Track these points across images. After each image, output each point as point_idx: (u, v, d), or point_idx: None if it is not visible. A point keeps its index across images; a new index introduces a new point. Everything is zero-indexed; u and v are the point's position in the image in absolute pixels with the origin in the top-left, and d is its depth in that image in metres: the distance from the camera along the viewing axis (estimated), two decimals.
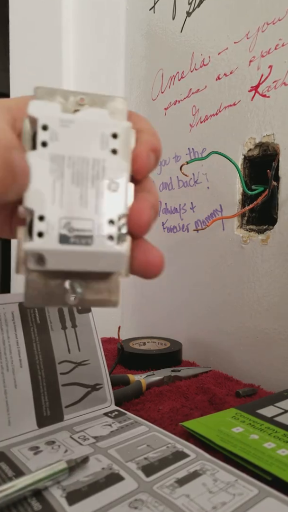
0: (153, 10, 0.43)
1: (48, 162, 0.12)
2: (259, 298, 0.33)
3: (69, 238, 0.12)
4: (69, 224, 0.12)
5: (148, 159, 0.13)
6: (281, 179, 0.32)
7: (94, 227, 0.12)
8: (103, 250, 0.12)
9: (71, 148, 0.12)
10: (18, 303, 0.23)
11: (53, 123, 0.12)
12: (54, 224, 0.12)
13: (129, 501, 0.16)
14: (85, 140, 0.12)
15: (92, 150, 0.12)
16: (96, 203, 0.12)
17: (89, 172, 0.12)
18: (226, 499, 0.16)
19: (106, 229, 0.12)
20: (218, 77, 0.36)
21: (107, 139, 0.12)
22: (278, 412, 0.24)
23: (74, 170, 0.12)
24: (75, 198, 0.12)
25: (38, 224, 0.12)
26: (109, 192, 0.12)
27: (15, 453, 0.19)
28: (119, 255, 0.12)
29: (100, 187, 0.12)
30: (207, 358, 0.37)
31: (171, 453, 0.19)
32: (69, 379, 0.23)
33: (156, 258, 0.13)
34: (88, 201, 0.12)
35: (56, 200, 0.12)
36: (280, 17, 0.31)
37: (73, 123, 0.12)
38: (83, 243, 0.12)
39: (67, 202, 0.12)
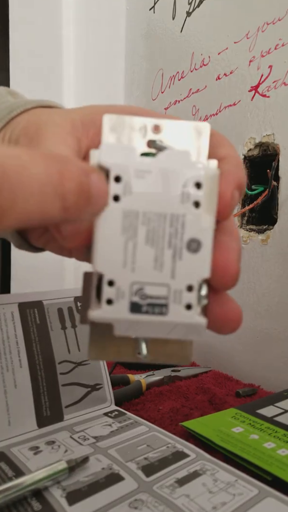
0: (153, 10, 0.43)
1: (120, 219, 0.10)
2: (259, 298, 0.33)
3: (141, 306, 0.10)
4: (142, 291, 0.10)
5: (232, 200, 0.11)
6: (281, 179, 0.32)
7: (170, 294, 0.10)
8: (179, 321, 0.10)
9: (146, 203, 0.10)
10: (18, 304, 0.23)
11: (128, 173, 0.10)
12: (125, 290, 0.10)
13: (129, 501, 0.16)
14: (163, 193, 0.10)
15: (171, 204, 0.10)
16: (173, 266, 0.10)
17: (166, 230, 0.10)
18: (226, 499, 0.16)
19: (184, 297, 0.10)
20: (218, 77, 0.36)
21: (189, 190, 0.10)
22: (278, 412, 0.24)
23: (149, 228, 0.10)
24: (149, 260, 0.10)
25: (107, 290, 0.10)
26: (188, 253, 0.10)
27: (15, 453, 0.19)
28: (199, 326, 0.11)
29: (178, 247, 0.10)
30: (207, 358, 0.37)
31: (171, 453, 0.19)
32: (69, 379, 0.23)
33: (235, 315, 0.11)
34: (164, 264, 0.10)
35: (128, 262, 0.10)
36: (280, 17, 0.31)
37: (150, 173, 0.10)
38: (157, 312, 0.10)
39: (140, 265, 0.10)
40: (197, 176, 0.10)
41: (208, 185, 0.11)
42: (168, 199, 0.10)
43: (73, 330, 0.24)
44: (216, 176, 0.11)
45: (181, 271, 0.10)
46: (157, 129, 0.11)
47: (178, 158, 0.10)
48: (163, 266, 0.10)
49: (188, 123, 0.11)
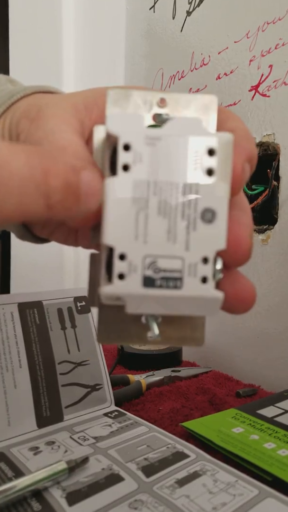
0: (153, 9, 0.43)
1: (130, 189, 0.10)
2: (259, 298, 0.33)
3: (154, 280, 0.10)
4: (155, 264, 0.10)
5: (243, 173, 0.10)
6: (281, 178, 0.32)
7: (184, 266, 0.10)
8: (195, 294, 0.10)
9: (157, 172, 0.10)
10: (18, 304, 0.23)
11: (137, 141, 0.10)
12: (137, 264, 0.10)
13: (129, 501, 0.16)
14: (174, 161, 0.10)
15: (183, 172, 0.10)
16: (187, 237, 0.10)
17: (179, 200, 0.10)
18: (226, 499, 0.16)
19: (200, 270, 0.10)
20: (218, 77, 0.36)
21: (202, 156, 0.10)
22: (279, 412, 0.24)
23: (161, 198, 0.10)
24: (161, 232, 0.10)
25: (118, 264, 0.10)
26: (203, 223, 0.10)
27: (15, 454, 0.19)
28: (216, 300, 0.10)
29: (192, 217, 0.10)
30: (207, 358, 0.37)
31: (171, 453, 0.19)
32: (69, 379, 0.23)
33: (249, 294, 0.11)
34: (178, 236, 0.10)
35: (139, 235, 0.10)
36: (280, 17, 0.31)
37: (160, 140, 0.10)
38: (171, 286, 0.10)
39: (153, 237, 0.10)
40: (210, 142, 0.10)
41: (222, 151, 0.10)
42: (180, 167, 0.10)
43: (73, 330, 0.24)
44: (231, 142, 0.10)
45: (196, 243, 0.10)
46: (163, 103, 0.11)
47: (189, 125, 0.10)
48: (176, 238, 0.10)
49: (195, 96, 0.11)
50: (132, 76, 0.47)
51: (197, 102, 0.11)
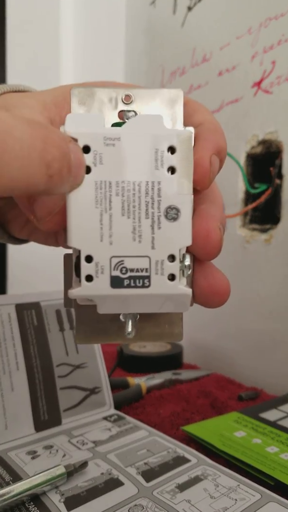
0: (153, 4, 0.42)
1: (92, 191, 0.10)
2: (262, 299, 0.33)
3: (122, 280, 0.10)
4: (122, 264, 0.10)
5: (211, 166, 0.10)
6: (285, 177, 0.31)
7: (151, 265, 0.10)
8: (163, 292, 0.10)
9: (119, 172, 0.10)
10: (15, 305, 0.22)
11: (96, 142, 0.10)
12: (104, 265, 0.10)
13: (129, 506, 0.15)
14: (135, 160, 0.10)
15: (145, 171, 0.10)
16: (153, 236, 0.10)
17: (142, 199, 0.10)
18: (228, 504, 0.15)
19: (167, 267, 0.10)
20: (220, 73, 0.36)
21: (162, 155, 0.10)
22: (281, 415, 0.24)
23: (124, 198, 0.10)
24: (126, 232, 0.10)
25: (85, 266, 0.10)
26: (167, 221, 0.10)
27: (12, 457, 0.19)
28: (184, 296, 0.10)
29: (156, 216, 0.10)
30: (209, 360, 0.37)
31: (172, 458, 0.19)
32: (67, 382, 0.23)
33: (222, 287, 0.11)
34: (143, 235, 0.10)
35: (104, 236, 0.10)
36: (283, 13, 0.30)
37: (120, 140, 0.10)
38: (139, 285, 0.10)
39: (118, 237, 0.10)
40: (170, 140, 0.10)
41: (183, 148, 0.10)
42: (141, 167, 0.10)
43: (72, 332, 0.24)
44: (190, 139, 0.10)
45: (161, 241, 0.10)
46: (128, 99, 0.11)
47: (149, 122, 0.10)
48: (142, 237, 0.10)
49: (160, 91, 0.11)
50: (132, 73, 0.46)
51: (163, 97, 0.11)
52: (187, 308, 0.11)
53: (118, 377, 0.30)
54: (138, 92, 0.11)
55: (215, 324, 0.37)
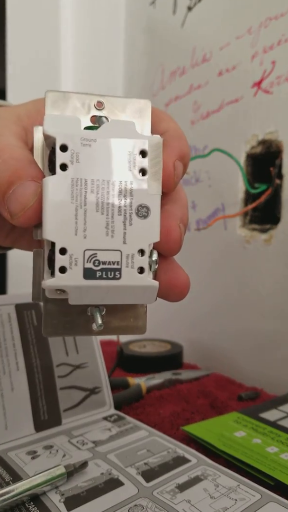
0: (153, 4, 0.42)
1: (68, 188, 0.10)
2: (262, 299, 0.33)
3: (95, 272, 0.10)
4: (95, 257, 0.10)
5: (175, 171, 0.11)
6: (285, 177, 0.31)
7: (122, 258, 0.11)
8: (133, 284, 0.11)
9: (94, 171, 0.10)
10: (15, 305, 0.22)
11: (73, 142, 0.10)
12: (78, 257, 0.10)
13: (129, 506, 0.15)
14: (109, 161, 0.10)
15: (118, 171, 0.11)
16: (124, 232, 0.11)
17: (115, 197, 0.10)
18: (227, 504, 0.15)
19: (136, 261, 0.11)
20: (220, 73, 0.36)
21: (135, 158, 0.11)
22: (282, 415, 0.24)
23: (98, 195, 0.10)
24: (100, 227, 0.10)
25: (59, 258, 0.10)
26: (138, 218, 0.11)
27: (12, 458, 0.19)
28: (151, 288, 0.11)
29: (128, 213, 0.11)
30: (209, 360, 0.36)
31: (172, 458, 0.19)
32: (67, 382, 0.23)
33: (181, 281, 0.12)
34: (115, 230, 0.11)
35: (79, 230, 0.10)
36: (283, 13, 0.30)
37: (96, 141, 0.10)
38: (111, 277, 0.11)
39: (91, 232, 0.10)
40: (142, 145, 0.11)
41: (153, 153, 0.11)
42: (115, 167, 0.11)
43: None
44: (160, 144, 0.11)
45: (132, 236, 0.11)
46: (100, 105, 0.12)
47: (123, 127, 0.11)
48: (114, 232, 0.11)
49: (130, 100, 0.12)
50: (132, 72, 0.46)
51: (133, 106, 0.12)
52: (153, 299, 0.11)
53: (118, 377, 0.30)
54: (109, 99, 0.11)
55: (215, 324, 0.37)
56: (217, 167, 0.36)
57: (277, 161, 0.31)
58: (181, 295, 0.12)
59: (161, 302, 0.46)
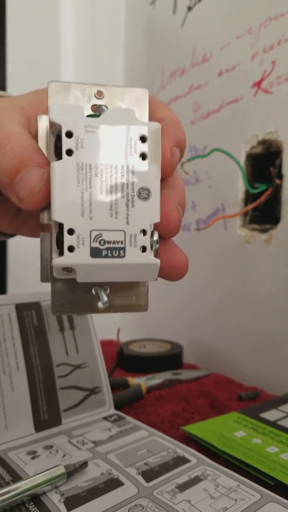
0: (153, 4, 0.42)
1: (74, 172, 0.11)
2: (262, 299, 0.33)
3: (101, 251, 0.11)
4: (100, 237, 0.11)
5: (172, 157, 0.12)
6: (285, 177, 0.31)
7: (126, 238, 0.11)
8: (136, 262, 0.12)
9: (98, 156, 0.11)
10: (15, 304, 0.22)
11: (78, 129, 0.11)
12: (85, 237, 0.11)
13: (129, 506, 0.15)
14: (112, 146, 0.11)
15: (120, 156, 0.11)
16: (127, 213, 0.11)
17: (118, 180, 0.11)
18: (227, 504, 0.15)
19: (139, 240, 0.11)
20: (220, 73, 0.36)
21: (135, 143, 0.11)
22: (282, 415, 0.24)
23: (103, 179, 0.11)
24: (104, 209, 0.11)
25: (68, 238, 0.11)
26: (140, 200, 0.11)
27: (12, 457, 0.19)
28: (153, 266, 0.12)
29: (130, 195, 0.11)
30: (209, 360, 0.36)
31: (172, 458, 0.19)
32: (67, 382, 0.23)
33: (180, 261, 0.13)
34: (119, 212, 0.11)
35: (85, 212, 0.11)
36: (283, 13, 0.30)
37: (99, 128, 0.11)
38: (116, 255, 0.11)
39: (97, 213, 0.11)
40: (142, 130, 0.11)
41: (152, 138, 0.12)
42: (118, 152, 0.11)
43: (72, 332, 0.24)
44: (159, 130, 0.12)
45: (135, 217, 0.11)
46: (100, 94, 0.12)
47: (123, 115, 0.11)
48: (118, 214, 0.11)
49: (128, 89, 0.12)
50: (132, 72, 0.46)
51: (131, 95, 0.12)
52: (155, 277, 0.12)
53: (118, 377, 0.30)
54: (109, 89, 0.12)
55: (215, 324, 0.37)
56: (217, 167, 0.36)
57: (277, 161, 0.31)
58: (181, 275, 0.13)
59: (161, 302, 0.45)
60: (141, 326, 0.45)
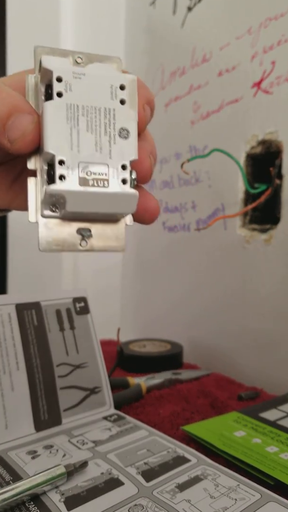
0: (153, 4, 0.42)
1: (64, 111, 0.12)
2: (262, 299, 0.33)
3: (88, 181, 0.13)
4: (87, 168, 0.13)
5: (144, 112, 0.14)
6: (285, 177, 0.31)
7: (109, 171, 0.13)
8: (119, 191, 0.13)
9: (84, 98, 0.13)
10: (15, 305, 0.22)
11: (67, 75, 0.13)
12: (74, 168, 0.12)
13: (129, 506, 0.15)
14: (96, 91, 0.13)
15: (103, 100, 0.13)
16: (110, 149, 0.13)
17: (101, 120, 0.13)
18: (227, 504, 0.15)
19: (120, 173, 0.13)
20: (219, 73, 0.36)
21: (116, 90, 0.13)
22: (281, 415, 0.24)
23: (88, 118, 0.13)
24: (91, 144, 0.13)
25: (59, 168, 0.12)
26: (120, 139, 0.13)
27: (12, 457, 0.19)
28: (133, 196, 0.13)
29: (112, 134, 0.13)
30: (209, 360, 0.36)
31: (172, 458, 0.19)
32: (67, 382, 0.23)
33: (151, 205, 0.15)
34: (103, 147, 0.13)
35: (73, 145, 0.13)
36: (283, 13, 0.31)
37: (85, 75, 0.13)
38: (101, 185, 0.13)
39: (84, 147, 0.13)
40: (122, 80, 0.13)
41: (130, 87, 0.14)
42: (101, 97, 0.13)
43: (72, 332, 0.24)
44: (135, 81, 0.14)
45: (116, 153, 0.13)
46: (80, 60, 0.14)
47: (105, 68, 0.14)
48: (102, 149, 0.13)
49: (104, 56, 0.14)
50: (132, 72, 0.46)
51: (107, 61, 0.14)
52: (134, 208, 0.14)
53: (118, 377, 0.30)
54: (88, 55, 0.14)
55: (215, 324, 0.37)
56: (217, 167, 0.36)
57: (277, 161, 0.31)
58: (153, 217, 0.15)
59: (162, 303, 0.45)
60: (141, 326, 0.45)
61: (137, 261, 0.46)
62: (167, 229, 0.42)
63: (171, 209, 0.41)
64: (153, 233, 0.43)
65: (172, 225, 0.41)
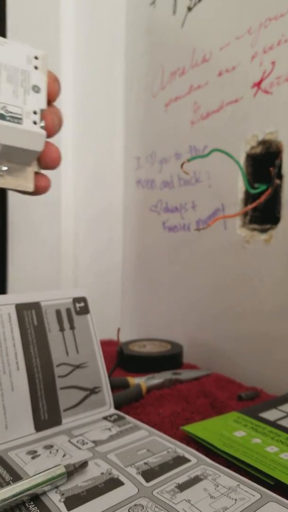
0: (153, 5, 0.42)
1: None
2: (262, 299, 0.33)
3: (5, 116, 0.17)
4: (6, 108, 0.17)
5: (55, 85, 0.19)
6: (285, 177, 0.31)
7: (23, 112, 0.18)
8: (30, 129, 0.18)
9: (5, 59, 0.18)
10: (15, 305, 0.22)
11: None
12: None
13: (129, 506, 0.15)
14: (16, 56, 0.18)
15: (21, 63, 0.18)
16: (24, 98, 0.18)
17: (19, 77, 0.18)
18: (227, 504, 0.15)
19: (32, 117, 0.18)
20: (220, 73, 0.36)
21: (31, 59, 0.18)
22: (281, 415, 0.24)
23: (9, 73, 0.18)
24: (9, 91, 0.17)
25: None
26: (33, 92, 0.18)
27: (12, 457, 0.19)
28: (41, 134, 0.18)
29: (27, 88, 0.18)
30: (209, 360, 0.36)
31: (172, 458, 0.19)
32: (67, 382, 0.23)
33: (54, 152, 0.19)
34: (19, 95, 0.18)
35: None
36: (283, 13, 0.31)
37: (7, 44, 0.18)
38: (16, 122, 0.17)
39: (4, 93, 0.17)
40: (36, 53, 0.19)
41: (42, 59, 0.19)
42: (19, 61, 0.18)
43: (72, 332, 0.24)
44: (46, 56, 0.19)
45: (29, 101, 0.18)
46: None
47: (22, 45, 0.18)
48: (18, 97, 0.18)
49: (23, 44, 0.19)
50: (132, 73, 0.46)
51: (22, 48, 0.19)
52: (41, 146, 0.18)
53: (118, 377, 0.30)
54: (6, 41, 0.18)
55: (215, 324, 0.37)
56: (217, 167, 0.36)
57: (277, 161, 0.31)
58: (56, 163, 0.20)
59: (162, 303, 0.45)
60: (141, 326, 0.45)
61: (137, 261, 0.46)
62: (167, 229, 0.42)
63: (171, 209, 0.41)
64: (153, 233, 0.44)
65: (172, 225, 0.41)
